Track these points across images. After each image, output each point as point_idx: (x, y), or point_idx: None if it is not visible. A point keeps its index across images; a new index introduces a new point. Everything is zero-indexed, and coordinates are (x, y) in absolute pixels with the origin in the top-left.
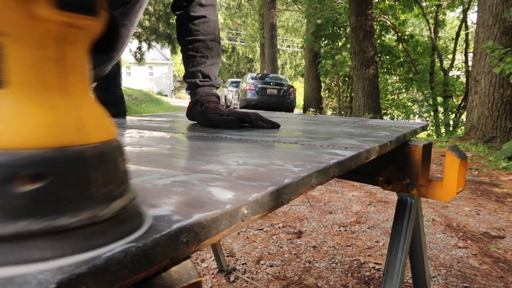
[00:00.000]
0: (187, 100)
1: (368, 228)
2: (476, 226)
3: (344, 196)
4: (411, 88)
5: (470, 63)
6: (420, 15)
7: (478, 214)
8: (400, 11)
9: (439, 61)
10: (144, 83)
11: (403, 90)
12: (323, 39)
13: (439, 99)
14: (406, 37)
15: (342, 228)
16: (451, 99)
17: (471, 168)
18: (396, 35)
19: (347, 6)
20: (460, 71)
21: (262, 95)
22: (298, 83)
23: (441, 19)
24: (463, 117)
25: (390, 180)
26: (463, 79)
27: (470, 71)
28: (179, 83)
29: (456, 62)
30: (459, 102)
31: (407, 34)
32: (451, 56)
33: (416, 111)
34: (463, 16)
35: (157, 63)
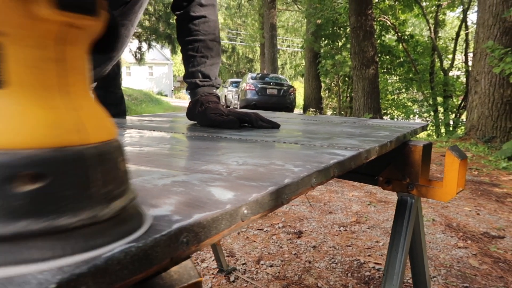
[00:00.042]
0: (187, 100)
1: (368, 228)
2: (476, 226)
3: (344, 196)
4: (411, 88)
5: (470, 63)
6: (420, 15)
7: (478, 214)
8: (400, 11)
9: (439, 61)
10: (144, 83)
11: (403, 90)
12: (323, 39)
13: (439, 99)
14: (406, 37)
15: (342, 228)
16: (451, 99)
17: (471, 168)
18: (396, 35)
19: (347, 6)
20: (460, 71)
21: (262, 95)
22: (298, 83)
23: (441, 19)
24: (463, 117)
25: (390, 180)
26: (463, 79)
27: (470, 71)
28: (179, 83)
29: (456, 62)
30: (459, 102)
31: (407, 34)
32: (451, 56)
33: (416, 111)
34: (463, 16)
35: (157, 63)
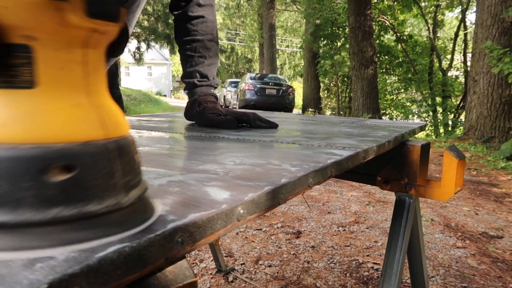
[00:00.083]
0: (186, 100)
1: (367, 228)
2: (475, 226)
3: (343, 196)
4: (410, 88)
5: (469, 63)
6: (419, 15)
7: (477, 214)
8: (399, 11)
9: (437, 61)
10: (143, 83)
11: (402, 90)
12: (322, 39)
13: (438, 99)
14: (405, 37)
15: (340, 228)
16: (449, 99)
17: (470, 168)
18: (395, 35)
19: (346, 6)
20: (458, 71)
21: (261, 95)
22: (297, 83)
23: (440, 19)
24: (462, 117)
25: (388, 180)
26: (462, 79)
27: (469, 71)
28: (178, 83)
29: (454, 62)
30: (458, 102)
31: (406, 34)
32: (450, 56)
33: (415, 111)
34: (461, 16)
35: (156, 63)
